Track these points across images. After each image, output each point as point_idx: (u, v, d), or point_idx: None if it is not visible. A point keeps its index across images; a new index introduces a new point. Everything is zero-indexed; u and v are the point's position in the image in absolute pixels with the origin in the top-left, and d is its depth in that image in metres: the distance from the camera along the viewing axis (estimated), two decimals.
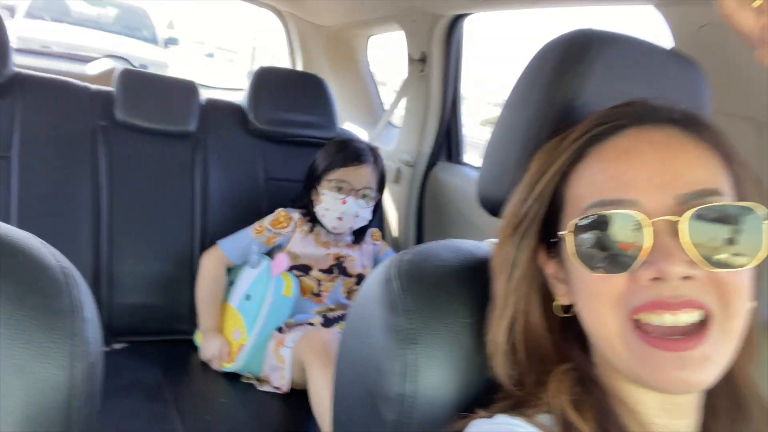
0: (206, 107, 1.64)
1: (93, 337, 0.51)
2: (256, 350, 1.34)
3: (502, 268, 0.54)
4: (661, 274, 0.43)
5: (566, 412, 0.47)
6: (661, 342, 0.44)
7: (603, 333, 0.48)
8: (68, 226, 1.41)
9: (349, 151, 1.45)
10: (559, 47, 0.62)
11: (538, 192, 0.52)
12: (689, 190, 0.46)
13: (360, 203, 1.43)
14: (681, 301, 0.44)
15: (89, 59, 2.67)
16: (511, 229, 0.54)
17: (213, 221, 1.56)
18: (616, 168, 0.48)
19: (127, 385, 1.23)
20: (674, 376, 0.44)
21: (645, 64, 0.63)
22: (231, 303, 1.42)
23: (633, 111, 0.52)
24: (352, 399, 0.61)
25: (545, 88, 0.61)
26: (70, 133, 1.45)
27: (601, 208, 0.47)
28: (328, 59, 2.28)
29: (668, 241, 0.44)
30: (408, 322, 0.56)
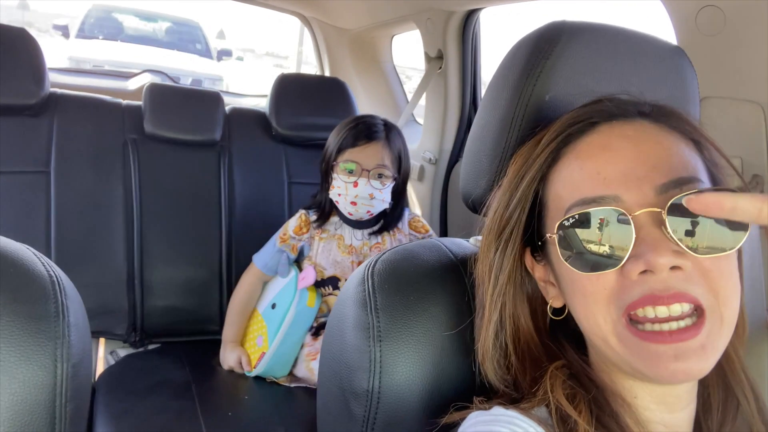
0: (230, 116, 1.70)
1: (78, 340, 0.55)
2: (277, 358, 1.37)
3: (487, 274, 0.55)
4: (649, 266, 0.44)
5: (562, 405, 0.48)
6: (657, 336, 0.44)
7: (598, 331, 0.48)
8: (103, 234, 1.49)
9: (357, 129, 1.31)
10: (527, 44, 0.62)
11: (518, 197, 0.53)
12: (667, 179, 0.46)
13: (374, 184, 1.29)
14: (671, 293, 0.44)
15: (130, 75, 2.81)
16: (494, 235, 0.54)
17: (239, 225, 1.62)
18: (593, 165, 0.48)
19: (156, 384, 1.29)
20: (673, 368, 0.44)
21: (621, 53, 0.62)
22: (258, 309, 1.46)
23: (603, 108, 0.52)
24: (329, 395, 0.63)
25: (514, 85, 0.61)
26: (102, 147, 1.54)
27: (582, 207, 0.47)
28: (353, 61, 2.31)
29: (653, 232, 0.45)
30: (376, 319, 0.58)
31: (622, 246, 0.45)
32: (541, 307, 0.56)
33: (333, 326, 0.65)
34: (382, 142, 1.32)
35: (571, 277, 0.49)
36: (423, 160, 1.88)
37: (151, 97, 1.60)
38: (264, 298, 1.47)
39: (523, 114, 0.60)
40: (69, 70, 2.87)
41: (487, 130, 0.64)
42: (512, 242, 0.53)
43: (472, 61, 1.68)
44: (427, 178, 1.87)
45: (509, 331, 0.55)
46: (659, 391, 0.50)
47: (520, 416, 0.48)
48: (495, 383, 0.55)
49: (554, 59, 0.59)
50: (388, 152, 1.32)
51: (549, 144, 0.52)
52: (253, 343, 1.42)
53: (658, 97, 0.54)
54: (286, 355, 1.38)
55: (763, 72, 0.80)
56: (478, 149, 0.66)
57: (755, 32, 0.79)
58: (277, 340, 1.35)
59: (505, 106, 0.61)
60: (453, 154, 1.77)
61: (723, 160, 0.51)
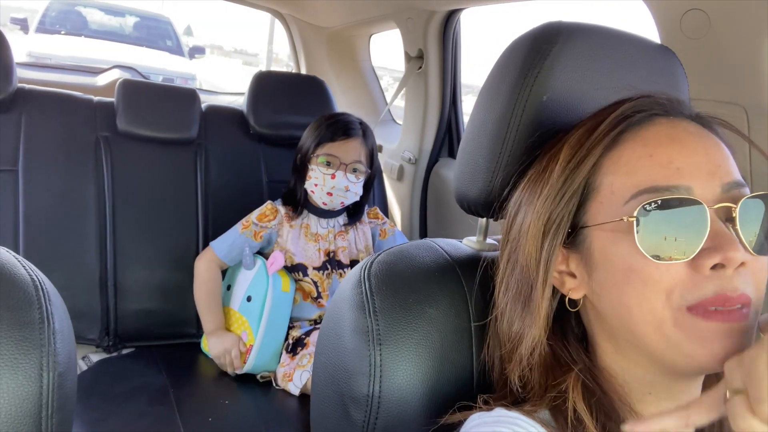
0: (207, 113, 1.66)
1: (63, 348, 0.52)
2: (265, 349, 1.36)
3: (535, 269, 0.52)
4: (725, 260, 0.44)
5: (578, 408, 0.47)
6: (714, 314, 0.44)
7: (652, 319, 0.46)
8: (74, 236, 1.44)
9: (337, 125, 1.42)
10: (524, 43, 0.62)
11: (575, 186, 0.51)
12: (731, 179, 0.47)
13: (350, 177, 1.41)
14: (739, 294, 0.44)
15: (101, 71, 2.73)
16: (542, 226, 0.52)
17: (216, 226, 1.58)
18: (664, 153, 0.48)
19: (132, 389, 1.25)
20: (722, 345, 0.44)
21: (617, 55, 0.63)
22: (233, 307, 1.44)
23: (662, 102, 0.51)
24: (325, 401, 0.61)
25: (512, 85, 0.60)
26: (73, 144, 1.48)
27: (654, 194, 0.46)
28: (331, 60, 2.29)
29: (723, 228, 0.45)
30: (375, 323, 0.57)
31: (696, 238, 0.45)
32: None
33: (329, 329, 0.63)
34: (360, 139, 1.43)
35: (631, 265, 0.47)
36: (402, 159, 1.88)
37: (124, 93, 1.55)
38: (235, 295, 1.45)
39: (521, 114, 0.59)
40: (34, 65, 2.77)
41: (483, 130, 0.64)
42: (560, 233, 0.51)
43: (453, 61, 1.68)
44: (407, 178, 1.86)
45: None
46: (675, 388, 0.50)
47: (523, 417, 0.48)
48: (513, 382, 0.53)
49: (552, 59, 0.59)
50: (364, 149, 1.44)
51: (610, 130, 0.50)
52: None
53: None
54: (272, 345, 1.37)
55: (745, 75, 0.82)
56: (474, 149, 0.65)
57: (739, 35, 0.81)
58: (261, 329, 1.35)
59: (503, 106, 0.61)
60: (433, 154, 1.77)
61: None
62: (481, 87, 0.68)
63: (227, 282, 1.50)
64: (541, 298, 0.52)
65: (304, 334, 1.41)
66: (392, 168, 1.93)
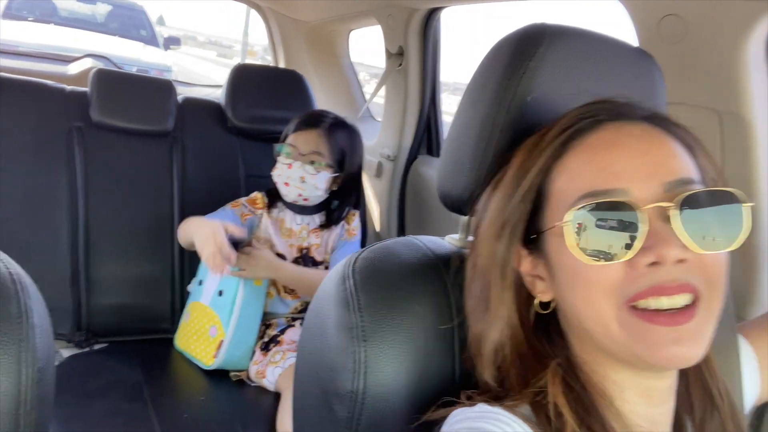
0: (183, 105, 1.64)
1: (42, 343, 0.51)
2: (235, 344, 1.34)
3: (491, 269, 0.54)
4: (660, 258, 0.45)
5: (558, 402, 0.48)
6: (657, 317, 0.46)
7: (599, 319, 0.48)
8: (45, 228, 1.41)
9: (302, 118, 1.44)
10: (510, 44, 0.62)
11: (524, 189, 0.53)
12: (674, 178, 0.48)
13: (307, 168, 1.38)
14: (677, 284, 0.46)
15: (72, 59, 2.66)
16: (497, 228, 0.54)
17: None
18: (603, 159, 0.50)
19: (106, 385, 1.23)
20: (670, 351, 0.46)
21: (598, 58, 0.64)
22: (203, 301, 1.41)
23: (609, 107, 0.53)
24: (308, 397, 0.61)
25: (497, 85, 0.61)
26: (45, 135, 1.45)
27: (593, 198, 0.48)
28: (310, 54, 2.28)
29: (661, 226, 0.46)
30: (360, 319, 0.57)
31: (632, 238, 0.46)
32: (525, 304, 0.57)
33: (312, 325, 0.63)
34: (320, 131, 1.40)
35: (575, 267, 0.49)
36: (381, 156, 1.88)
37: (98, 83, 1.51)
38: (207, 289, 1.41)
39: (506, 114, 0.60)
40: (1, 52, 2.68)
41: (467, 129, 0.64)
42: (516, 235, 0.53)
43: (433, 59, 1.69)
44: (385, 175, 1.86)
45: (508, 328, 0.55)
46: (645, 384, 0.51)
47: (505, 413, 0.49)
48: (488, 381, 0.54)
49: (537, 61, 0.59)
50: (325, 141, 1.40)
51: (556, 137, 0.53)
52: (205, 336, 1.37)
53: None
54: (244, 340, 1.36)
55: (720, 80, 0.84)
56: (458, 148, 0.66)
57: (715, 41, 0.83)
58: (232, 325, 1.33)
59: (487, 105, 0.61)
60: (412, 152, 1.77)
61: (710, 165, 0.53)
62: (467, 86, 0.68)
63: (199, 278, 1.47)
64: (499, 300, 0.54)
65: (279, 332, 1.40)
66: (371, 165, 1.93)
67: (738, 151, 0.85)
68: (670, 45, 0.89)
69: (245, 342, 1.36)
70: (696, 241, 0.46)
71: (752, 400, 0.68)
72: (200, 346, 1.38)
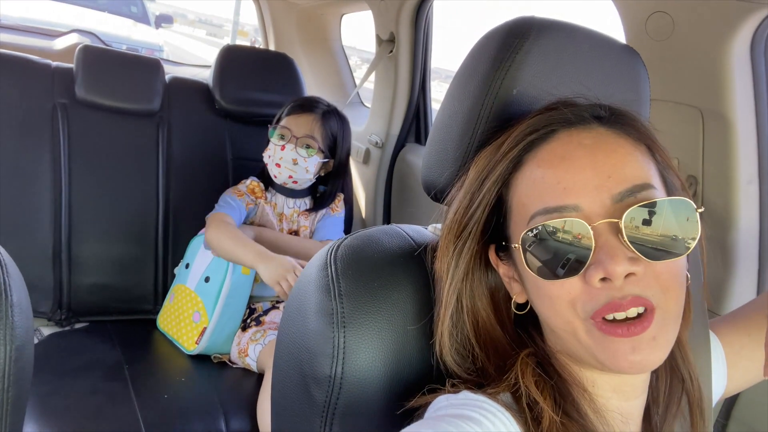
0: (170, 85, 1.62)
1: (21, 321, 0.51)
2: (219, 331, 1.35)
3: (444, 272, 0.56)
4: (607, 274, 0.46)
5: (531, 392, 0.50)
6: (616, 328, 0.47)
7: (567, 327, 0.50)
8: (27, 205, 1.39)
9: (297, 101, 1.47)
10: (497, 36, 0.62)
11: (479, 200, 0.54)
12: (623, 188, 0.48)
13: (300, 152, 1.41)
14: (629, 300, 0.47)
15: (57, 34, 2.61)
16: (453, 235, 0.55)
17: (177, 201, 1.56)
18: (553, 175, 0.50)
19: (85, 365, 1.23)
20: (630, 360, 0.47)
21: (584, 53, 0.64)
22: (189, 285, 1.42)
23: (561, 115, 0.53)
24: (287, 381, 0.62)
25: (483, 77, 0.61)
26: (29, 111, 1.43)
27: (545, 216, 0.49)
28: (300, 37, 2.26)
29: (611, 240, 0.47)
30: (340, 305, 0.57)
31: (583, 254, 0.47)
32: (505, 300, 0.58)
33: (293, 310, 0.63)
34: (315, 115, 1.44)
35: (536, 282, 0.51)
36: (369, 143, 1.88)
37: (84, 59, 1.49)
38: (193, 274, 1.41)
39: (491, 106, 0.60)
40: None
41: (453, 119, 0.64)
42: (470, 242, 0.55)
43: (424, 47, 1.68)
44: (373, 162, 1.86)
45: (469, 324, 0.56)
46: (617, 381, 0.53)
47: (488, 401, 0.50)
48: (457, 372, 0.56)
49: (524, 54, 0.60)
50: (319, 126, 1.44)
51: (510, 150, 0.53)
52: (189, 321, 1.37)
53: (613, 97, 0.56)
54: (227, 327, 1.36)
55: (704, 79, 0.85)
56: (443, 138, 0.66)
57: (701, 40, 0.84)
58: (216, 313, 1.33)
59: (474, 96, 0.62)
60: (400, 139, 1.77)
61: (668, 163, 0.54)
62: (454, 76, 0.68)
63: (186, 260, 1.47)
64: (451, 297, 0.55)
65: (262, 313, 1.41)
66: (358, 151, 1.93)
67: (718, 149, 0.86)
68: (656, 42, 0.89)
69: (228, 329, 1.37)
70: (646, 252, 0.47)
71: (718, 394, 0.70)
72: (183, 330, 1.38)
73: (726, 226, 0.86)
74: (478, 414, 0.48)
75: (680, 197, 0.49)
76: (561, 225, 0.48)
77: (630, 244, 0.46)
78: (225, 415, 1.17)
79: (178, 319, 1.41)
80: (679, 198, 0.49)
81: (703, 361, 0.67)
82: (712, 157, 0.87)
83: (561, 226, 0.48)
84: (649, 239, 0.47)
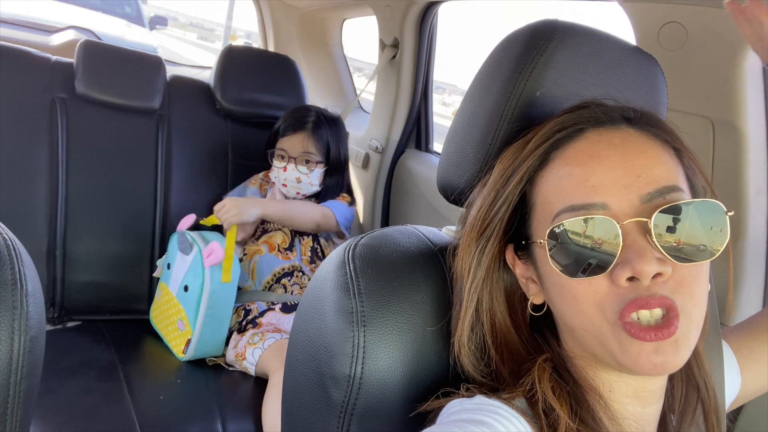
0: (171, 84, 1.60)
1: (35, 311, 0.49)
2: (204, 341, 1.31)
3: (466, 270, 0.55)
4: (635, 273, 0.45)
5: (548, 397, 0.49)
6: (642, 332, 0.46)
7: (592, 328, 0.49)
8: (23, 200, 1.37)
9: (287, 121, 1.52)
10: (521, 37, 0.62)
11: (504, 197, 0.53)
12: (652, 189, 0.48)
13: (301, 169, 1.49)
14: (656, 299, 0.46)
15: (54, 30, 2.58)
16: (476, 233, 0.54)
17: (175, 200, 1.54)
18: (581, 172, 0.49)
19: (79, 364, 1.20)
20: (652, 361, 0.46)
21: (606, 57, 0.64)
22: (171, 289, 1.37)
23: (590, 114, 0.53)
24: (302, 380, 0.61)
25: (506, 78, 0.61)
26: (28, 104, 1.40)
27: (571, 214, 0.48)
28: (301, 41, 2.25)
29: (639, 240, 0.46)
30: (360, 304, 0.56)
31: (610, 252, 0.47)
32: (520, 302, 0.57)
33: (309, 309, 0.62)
34: (306, 132, 1.50)
35: (560, 280, 0.50)
36: (369, 148, 1.87)
37: (85, 54, 1.47)
38: (173, 277, 1.36)
39: (514, 108, 0.60)
40: None
41: (474, 121, 0.64)
42: (493, 240, 0.54)
43: (427, 53, 1.68)
44: (372, 167, 1.86)
45: (487, 325, 0.55)
46: (634, 386, 0.52)
47: (502, 406, 0.49)
48: (472, 374, 0.55)
49: (548, 56, 0.60)
50: (313, 141, 1.50)
51: (537, 147, 0.53)
52: (174, 328, 1.34)
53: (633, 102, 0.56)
54: (214, 335, 1.33)
55: (716, 89, 0.86)
56: (462, 140, 0.66)
57: (714, 51, 0.85)
58: (199, 323, 1.29)
59: (496, 98, 0.61)
60: (400, 145, 1.77)
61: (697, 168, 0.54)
62: (473, 78, 0.68)
63: (167, 259, 1.41)
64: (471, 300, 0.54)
65: (258, 314, 1.39)
66: (358, 155, 1.92)
67: (729, 159, 0.87)
68: (668, 51, 0.90)
69: (216, 336, 1.33)
70: (673, 254, 0.46)
71: (729, 401, 0.70)
72: (171, 335, 1.35)
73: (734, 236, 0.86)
74: (492, 419, 0.47)
75: (710, 200, 0.48)
76: (588, 222, 0.48)
77: (658, 244, 0.46)
78: (222, 417, 1.15)
79: (166, 322, 1.37)
80: (709, 201, 0.48)
81: (716, 369, 0.67)
82: (722, 168, 0.87)
83: (588, 223, 0.48)
84: (677, 242, 0.47)
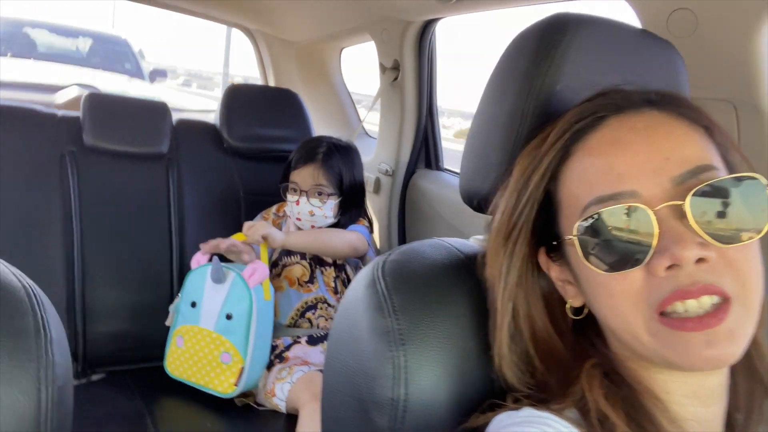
0: (178, 128, 1.61)
1: (61, 360, 0.47)
2: (254, 366, 1.30)
3: (497, 277, 0.52)
4: (675, 260, 0.42)
5: (600, 405, 0.45)
6: (687, 323, 0.43)
7: (628, 328, 0.46)
8: (39, 255, 1.36)
9: (298, 154, 1.50)
10: (534, 33, 0.61)
11: (527, 197, 0.50)
12: (684, 170, 0.45)
13: (314, 202, 1.46)
14: (699, 287, 0.42)
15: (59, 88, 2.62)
16: (502, 237, 0.52)
17: (190, 243, 1.52)
18: (605, 161, 0.47)
19: (106, 416, 1.18)
20: (705, 354, 0.43)
21: (621, 46, 0.63)
22: (204, 326, 1.32)
23: (609, 101, 0.51)
24: (342, 408, 0.58)
25: (522, 76, 0.59)
26: (38, 160, 1.41)
27: (599, 205, 0.46)
28: (301, 74, 2.27)
29: (676, 225, 0.43)
30: (396, 322, 0.54)
31: (646, 242, 0.43)
32: (560, 307, 0.54)
33: (342, 333, 0.60)
34: (317, 164, 1.47)
35: (595, 278, 0.47)
36: (379, 172, 1.86)
37: (90, 106, 1.48)
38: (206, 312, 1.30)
39: (534, 104, 0.58)
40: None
41: (493, 122, 0.62)
42: (521, 243, 0.51)
43: (429, 71, 1.68)
44: (384, 191, 1.84)
45: (527, 334, 0.52)
46: (692, 384, 0.48)
47: (553, 417, 0.46)
48: (516, 386, 0.52)
49: (564, 49, 0.58)
50: (323, 172, 1.46)
51: (556, 141, 0.50)
52: (216, 365, 1.29)
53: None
54: (260, 360, 1.32)
55: (734, 72, 0.84)
56: (483, 143, 0.64)
57: (727, 33, 0.83)
58: (250, 348, 1.28)
59: (514, 97, 0.60)
60: (410, 165, 1.75)
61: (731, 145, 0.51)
62: (487, 81, 0.67)
63: (190, 298, 1.34)
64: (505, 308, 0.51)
65: (285, 348, 1.36)
66: (368, 180, 1.91)
67: (756, 141, 0.84)
68: (679, 39, 0.88)
69: (262, 360, 1.33)
70: (715, 236, 0.43)
71: None
72: (212, 374, 1.30)
73: None
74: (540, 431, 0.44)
75: (749, 174, 0.45)
76: (619, 212, 0.44)
77: (697, 227, 0.42)
78: None
79: (200, 364, 1.31)
80: (748, 175, 0.44)
81: None
82: (751, 151, 0.84)
83: (619, 213, 0.44)
84: (718, 222, 0.43)
